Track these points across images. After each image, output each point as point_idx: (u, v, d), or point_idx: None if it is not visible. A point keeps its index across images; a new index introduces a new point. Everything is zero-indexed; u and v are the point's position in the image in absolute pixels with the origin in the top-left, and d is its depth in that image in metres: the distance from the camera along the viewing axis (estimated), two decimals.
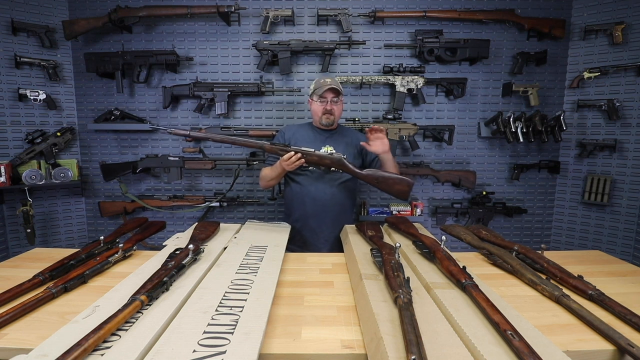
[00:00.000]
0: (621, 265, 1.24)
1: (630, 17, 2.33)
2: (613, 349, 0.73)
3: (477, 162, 2.64)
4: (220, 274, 1.00)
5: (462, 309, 0.81)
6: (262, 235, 1.41)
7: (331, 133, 1.83)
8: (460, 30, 2.51)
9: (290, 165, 1.58)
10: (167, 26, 2.53)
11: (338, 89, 1.74)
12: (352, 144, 1.81)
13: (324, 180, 1.76)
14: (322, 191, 1.75)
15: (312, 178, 1.76)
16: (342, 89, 1.80)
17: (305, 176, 1.77)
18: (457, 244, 1.58)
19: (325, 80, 1.76)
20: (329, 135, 1.81)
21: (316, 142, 1.78)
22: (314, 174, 1.76)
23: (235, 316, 0.76)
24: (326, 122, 1.78)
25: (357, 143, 1.79)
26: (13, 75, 2.39)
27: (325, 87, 1.73)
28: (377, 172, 1.62)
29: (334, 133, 1.84)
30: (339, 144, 1.79)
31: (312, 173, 1.76)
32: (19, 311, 0.82)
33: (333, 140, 1.80)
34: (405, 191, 1.60)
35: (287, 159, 1.57)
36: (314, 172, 1.76)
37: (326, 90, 1.73)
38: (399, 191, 1.60)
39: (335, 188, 1.76)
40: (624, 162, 2.42)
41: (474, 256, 1.31)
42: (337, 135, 1.84)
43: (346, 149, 1.77)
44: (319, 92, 1.74)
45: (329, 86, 1.72)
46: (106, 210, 2.58)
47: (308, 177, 1.77)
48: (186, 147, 2.56)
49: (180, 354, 0.63)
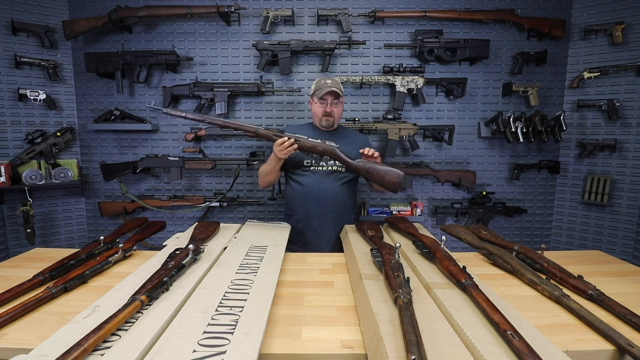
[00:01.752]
0: (621, 265, 1.24)
1: (630, 17, 2.33)
2: (613, 349, 0.73)
3: (477, 162, 2.64)
4: (220, 274, 1.00)
5: (462, 309, 0.80)
6: (262, 235, 1.41)
7: (332, 133, 1.83)
8: (460, 30, 2.51)
9: (283, 151, 1.57)
10: (167, 26, 2.53)
11: (338, 91, 1.73)
12: (353, 143, 1.80)
13: (326, 180, 1.75)
14: (325, 191, 1.74)
15: (314, 179, 1.76)
16: (343, 90, 1.79)
17: (307, 177, 1.77)
18: (457, 244, 1.58)
19: (326, 82, 1.74)
20: (329, 136, 1.81)
21: None
22: (316, 175, 1.76)
23: (235, 316, 0.76)
24: (326, 124, 1.79)
25: (357, 143, 1.79)
26: (13, 75, 2.39)
27: (325, 90, 1.72)
28: (368, 162, 1.60)
29: (334, 133, 1.83)
30: (339, 143, 1.78)
31: (313, 174, 1.76)
32: (19, 311, 0.82)
33: (333, 140, 1.78)
34: (395, 182, 1.56)
35: (280, 144, 1.57)
36: (315, 172, 1.76)
37: (326, 93, 1.72)
38: (389, 182, 1.57)
39: (337, 188, 1.76)
40: (624, 162, 2.42)
41: (474, 256, 1.31)
42: (337, 135, 1.83)
43: (346, 148, 1.76)
44: (320, 94, 1.73)
45: (329, 89, 1.71)
46: (106, 210, 2.58)
47: (310, 177, 1.77)
48: (186, 147, 2.56)
49: (180, 354, 0.63)
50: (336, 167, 1.76)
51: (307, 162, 1.77)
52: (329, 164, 1.76)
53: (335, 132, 1.85)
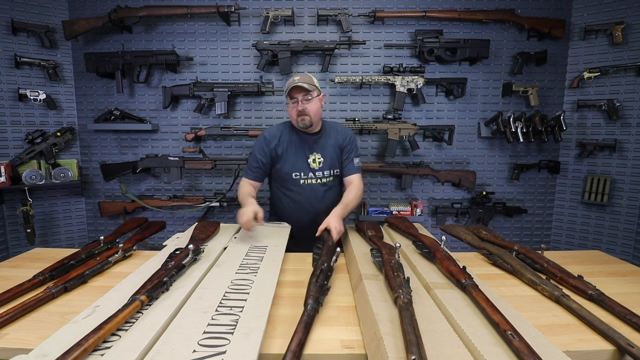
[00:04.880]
0: (621, 265, 1.24)
1: (630, 17, 2.33)
2: (613, 349, 0.73)
3: (477, 162, 2.64)
4: (220, 274, 1.00)
5: (462, 309, 0.80)
6: (262, 235, 1.41)
7: (317, 137, 1.63)
8: (460, 30, 2.51)
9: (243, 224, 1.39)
10: (167, 26, 2.53)
11: (305, 85, 1.48)
12: (337, 144, 1.65)
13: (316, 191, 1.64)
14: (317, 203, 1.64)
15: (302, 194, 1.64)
16: (314, 84, 1.53)
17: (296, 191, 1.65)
18: (457, 244, 1.58)
19: (294, 79, 1.51)
20: (315, 141, 1.63)
21: (303, 150, 1.62)
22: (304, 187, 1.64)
23: (235, 316, 0.76)
24: (302, 125, 1.55)
25: (340, 143, 1.65)
26: (13, 75, 2.39)
27: (292, 86, 1.50)
28: None
29: (320, 137, 1.64)
30: (325, 149, 1.63)
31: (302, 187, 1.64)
32: (19, 311, 0.82)
33: (320, 147, 1.63)
34: None
35: (244, 222, 1.36)
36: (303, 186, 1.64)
37: (293, 89, 1.50)
38: None
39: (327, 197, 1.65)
40: (624, 162, 2.42)
41: (474, 256, 1.31)
42: (323, 139, 1.64)
43: (333, 151, 1.64)
44: (287, 92, 1.53)
45: (294, 84, 1.49)
46: (106, 210, 2.58)
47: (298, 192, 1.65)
48: (186, 147, 2.56)
49: (180, 354, 0.63)
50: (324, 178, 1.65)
51: (295, 175, 1.62)
52: (317, 176, 1.64)
53: (320, 135, 1.63)
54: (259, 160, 1.63)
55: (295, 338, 0.69)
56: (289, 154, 1.61)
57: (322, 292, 0.88)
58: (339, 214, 1.44)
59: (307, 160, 1.62)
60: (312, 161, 1.62)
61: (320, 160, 1.62)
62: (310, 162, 1.62)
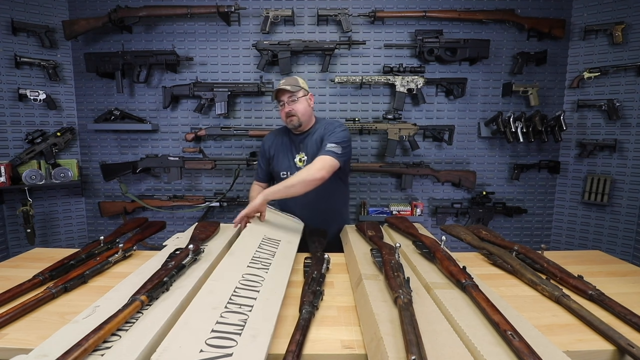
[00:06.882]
0: (621, 265, 1.24)
1: (630, 17, 2.33)
2: (613, 349, 0.73)
3: (477, 162, 2.64)
4: (232, 264, 0.99)
5: (462, 309, 0.80)
6: (276, 227, 1.39)
7: (304, 137, 1.69)
8: (460, 30, 2.51)
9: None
10: (167, 26, 2.53)
11: (287, 87, 1.58)
12: (319, 139, 1.65)
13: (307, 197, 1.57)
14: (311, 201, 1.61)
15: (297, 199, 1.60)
16: (299, 85, 1.61)
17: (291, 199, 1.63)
18: (457, 244, 1.57)
19: (280, 83, 1.64)
20: (301, 141, 1.69)
21: (291, 150, 1.70)
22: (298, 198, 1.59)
23: (244, 315, 0.75)
24: (292, 126, 1.64)
25: (322, 136, 1.63)
26: (13, 75, 2.39)
27: (276, 90, 1.61)
28: None
29: (306, 136, 1.69)
30: (309, 147, 1.67)
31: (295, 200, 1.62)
32: (19, 311, 0.82)
33: (304, 146, 1.68)
34: None
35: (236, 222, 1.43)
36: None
37: (278, 93, 1.61)
38: None
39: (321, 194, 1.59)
40: (624, 162, 2.42)
41: (474, 256, 1.31)
42: (309, 137, 1.68)
43: (315, 147, 1.64)
44: (274, 96, 1.65)
45: (278, 87, 1.60)
46: (106, 210, 2.58)
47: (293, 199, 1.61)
48: (186, 147, 2.56)
49: (187, 352, 0.63)
50: None
51: (283, 174, 1.69)
52: None
53: (307, 134, 1.68)
54: (260, 162, 1.82)
55: (294, 340, 0.70)
56: (279, 154, 1.72)
57: (316, 297, 0.88)
58: (264, 193, 1.41)
59: (294, 160, 1.69)
60: (299, 160, 1.69)
61: (304, 159, 1.67)
62: (297, 162, 1.69)
